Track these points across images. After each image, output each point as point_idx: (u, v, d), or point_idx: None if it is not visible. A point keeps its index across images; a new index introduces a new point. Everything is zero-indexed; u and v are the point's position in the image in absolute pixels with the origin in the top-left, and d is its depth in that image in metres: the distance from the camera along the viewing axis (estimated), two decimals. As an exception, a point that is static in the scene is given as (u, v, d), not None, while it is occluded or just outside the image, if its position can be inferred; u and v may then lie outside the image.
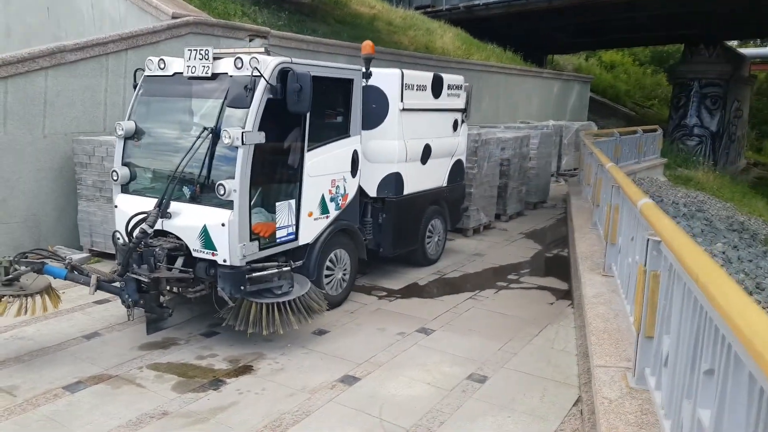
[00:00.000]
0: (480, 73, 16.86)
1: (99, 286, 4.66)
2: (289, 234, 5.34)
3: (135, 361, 4.83)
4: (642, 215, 3.74)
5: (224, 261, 4.86)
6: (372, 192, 6.67)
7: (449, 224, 8.05)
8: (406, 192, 6.91)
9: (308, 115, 5.28)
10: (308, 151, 5.40)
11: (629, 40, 33.56)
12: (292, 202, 5.33)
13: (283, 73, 4.96)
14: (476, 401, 4.30)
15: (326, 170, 5.69)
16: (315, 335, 5.42)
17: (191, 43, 9.59)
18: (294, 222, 5.36)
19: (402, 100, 6.62)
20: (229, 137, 4.71)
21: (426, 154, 7.16)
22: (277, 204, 5.18)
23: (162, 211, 4.94)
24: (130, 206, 5.31)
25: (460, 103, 7.73)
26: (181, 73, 5.29)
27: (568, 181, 14.40)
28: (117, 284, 4.73)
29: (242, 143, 4.73)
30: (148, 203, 5.10)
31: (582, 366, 4.74)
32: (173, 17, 9.77)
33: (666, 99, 35.94)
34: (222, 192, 4.75)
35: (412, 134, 6.86)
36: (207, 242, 4.90)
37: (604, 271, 5.92)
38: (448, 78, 7.42)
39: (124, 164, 5.51)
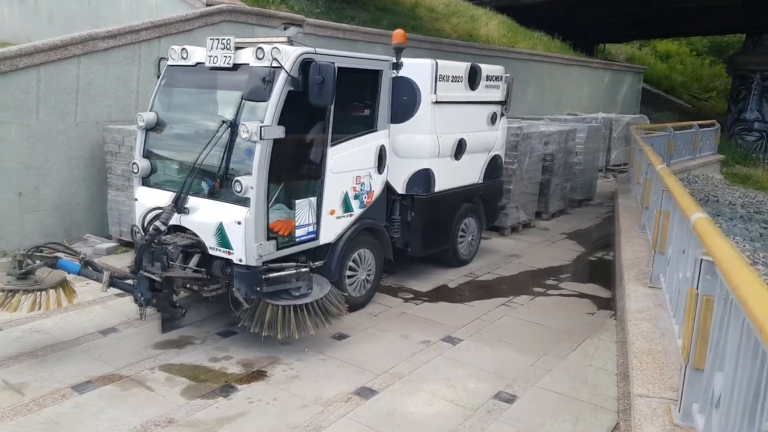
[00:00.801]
0: (525, 62, 16.24)
1: (112, 283, 4.51)
2: (309, 233, 5.07)
3: (148, 361, 4.67)
4: (695, 232, 3.29)
5: (240, 260, 4.63)
6: (400, 189, 6.34)
7: (484, 223, 7.65)
8: (436, 189, 6.55)
9: (332, 108, 4.99)
10: (331, 146, 5.11)
11: (684, 30, 31.95)
12: (313, 199, 5.06)
13: (305, 64, 4.67)
14: (502, 424, 3.95)
15: (350, 166, 5.39)
16: (334, 340, 5.15)
17: (225, 31, 9.43)
18: (315, 220, 5.09)
19: (434, 92, 6.24)
20: (247, 132, 4.46)
21: (459, 149, 6.77)
22: (297, 202, 4.91)
23: (179, 206, 4.75)
24: (150, 199, 5.15)
25: (498, 95, 7.29)
26: (203, 63, 5.07)
27: (617, 178, 13.71)
28: (130, 282, 4.56)
29: (260, 138, 4.47)
30: (168, 197, 4.91)
31: (622, 389, 4.32)
32: (207, 5, 9.62)
33: (724, 91, 34.09)
34: (238, 189, 4.52)
35: (444, 128, 6.49)
36: (223, 240, 4.68)
37: (651, 282, 5.44)
38: (486, 68, 6.99)
39: (144, 156, 5.34)
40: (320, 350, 4.94)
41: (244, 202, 4.60)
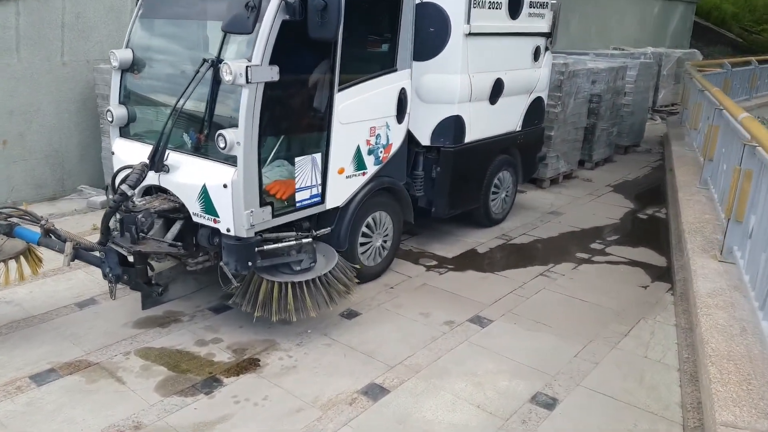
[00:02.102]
0: (568, -9, 14.70)
1: (76, 255, 3.81)
2: (312, 196, 4.26)
3: (124, 343, 4.03)
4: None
5: (228, 231, 3.88)
6: (424, 140, 5.44)
7: (521, 177, 6.72)
8: (467, 139, 5.62)
9: (339, 42, 4.07)
10: (339, 90, 4.22)
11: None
12: (317, 156, 4.22)
13: (304, -14, 3.73)
14: (539, 440, 3.22)
15: (363, 115, 4.51)
16: (342, 318, 4.44)
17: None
18: (320, 181, 4.27)
19: (468, 22, 5.22)
20: (230, 73, 3.60)
21: (496, 90, 5.79)
22: (297, 159, 4.08)
23: (156, 163, 3.97)
24: (129, 154, 4.38)
25: (544, 25, 6.20)
26: (182, -14, 4.17)
27: (666, 120, 12.44)
28: (97, 254, 3.86)
29: (247, 81, 3.61)
30: (149, 151, 4.12)
31: (689, 396, 3.51)
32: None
33: (782, 23, 31.30)
34: (222, 145, 3.70)
35: (479, 66, 5.49)
36: (207, 206, 3.92)
37: (722, 255, 4.53)
38: (530, -6, 5.90)
39: (121, 103, 4.54)
40: (325, 331, 4.24)
41: (230, 160, 3.80)
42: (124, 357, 3.88)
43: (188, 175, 4.00)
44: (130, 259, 3.78)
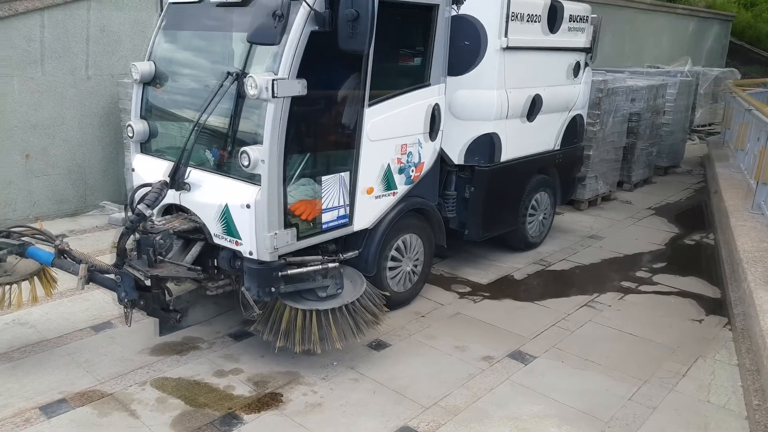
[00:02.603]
0: (602, 7, 14.33)
1: (91, 278, 3.56)
2: (339, 217, 3.98)
3: (140, 372, 3.77)
4: None
5: (250, 254, 3.60)
6: (457, 158, 5.14)
7: (559, 198, 6.36)
8: (503, 158, 5.30)
9: (370, 55, 3.81)
10: (369, 106, 3.95)
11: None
12: (345, 175, 3.94)
13: (335, -5, 3.48)
14: (594, 499, 2.84)
15: (394, 132, 4.22)
16: (370, 350, 4.12)
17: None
18: (347, 201, 3.99)
19: (505, 35, 4.93)
20: (255, 87, 3.35)
21: (534, 107, 5.47)
22: (324, 178, 3.80)
23: (176, 181, 3.73)
24: (149, 170, 4.16)
25: (583, 40, 5.89)
26: (207, -3, 3.97)
27: (707, 141, 11.95)
28: (113, 277, 3.62)
29: (272, 95, 3.36)
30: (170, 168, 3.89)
31: (764, 451, 3.11)
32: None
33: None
34: (246, 162, 3.45)
35: (516, 81, 5.19)
36: (229, 227, 3.65)
37: (790, 288, 4.11)
38: (570, 6, 5.59)
39: (142, 117, 4.34)
40: (352, 364, 3.92)
41: (254, 179, 3.54)
42: (139, 387, 3.61)
43: (209, 194, 3.75)
44: (147, 282, 3.52)
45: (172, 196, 3.87)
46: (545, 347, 4.23)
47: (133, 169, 4.34)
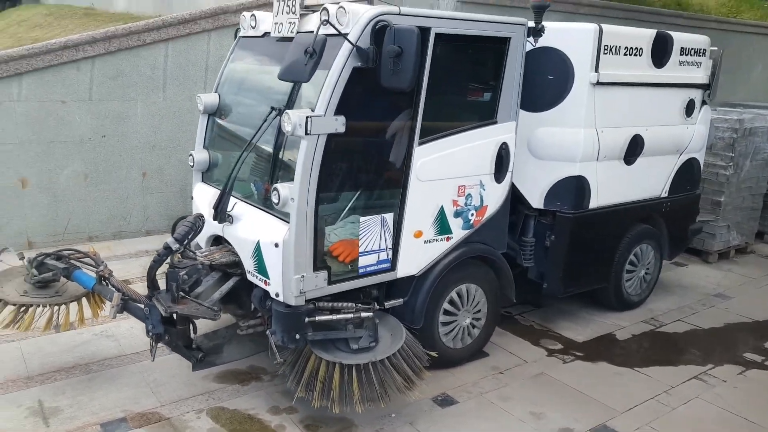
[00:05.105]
0: (750, 36, 12.78)
1: (125, 307, 3.63)
2: (380, 262, 3.71)
3: (200, 399, 3.79)
4: None
5: (276, 295, 3.47)
6: (536, 202, 4.65)
7: (667, 253, 5.54)
8: (593, 205, 4.72)
9: (422, 91, 3.54)
10: (420, 144, 3.66)
11: None
12: (388, 216, 3.68)
13: (380, 31, 3.28)
14: None
15: (449, 172, 3.89)
16: (434, 405, 3.80)
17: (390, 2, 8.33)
18: (390, 245, 3.72)
19: (596, 70, 4.40)
20: (290, 123, 3.24)
21: (633, 149, 4.83)
22: (362, 219, 3.58)
23: (220, 213, 3.73)
24: (206, 199, 4.22)
25: (699, 75, 5.12)
26: (270, 32, 3.96)
27: None
28: (143, 308, 3.66)
29: (306, 133, 3.22)
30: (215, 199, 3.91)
31: None
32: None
33: None
34: (276, 200, 3.34)
35: (610, 120, 4.61)
36: (260, 265, 3.56)
37: None
38: (682, 38, 4.89)
39: (205, 147, 4.44)
40: (412, 419, 3.63)
41: (286, 217, 3.41)
42: (195, 415, 3.62)
43: (247, 228, 3.70)
44: (175, 315, 3.52)
45: (216, 228, 3.87)
46: (637, 425, 3.63)
47: (191, 198, 4.43)
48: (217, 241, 4.11)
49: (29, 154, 6.29)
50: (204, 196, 4.28)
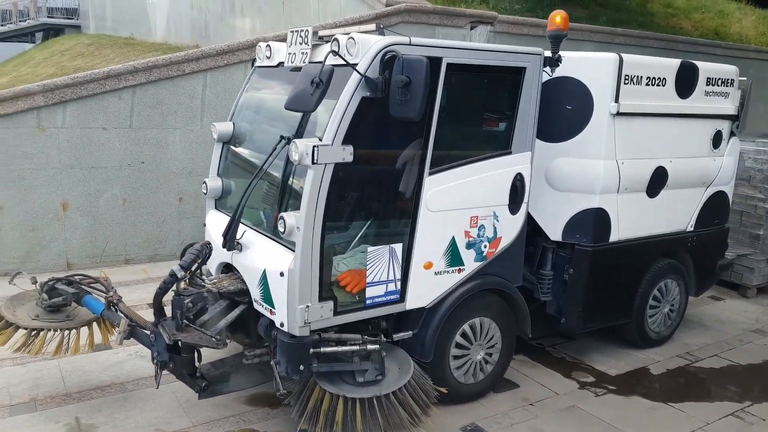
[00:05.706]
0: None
1: (132, 333, 3.63)
2: (388, 293, 3.63)
3: (230, 421, 3.81)
4: None
5: (281, 325, 3.42)
6: (555, 234, 4.53)
7: (693, 289, 5.33)
8: (614, 238, 4.57)
9: (433, 121, 3.50)
10: (430, 174, 3.61)
11: None
12: (397, 246, 3.61)
13: (389, 61, 3.27)
14: None
15: (462, 203, 3.81)
16: (462, 434, 3.70)
17: (402, 33, 8.42)
18: (398, 276, 3.64)
19: (617, 100, 4.30)
20: (297, 152, 3.22)
21: (657, 181, 4.68)
22: (370, 249, 3.52)
23: (228, 241, 3.71)
24: (217, 226, 4.21)
25: (728, 106, 4.97)
26: (284, 63, 4.00)
27: None
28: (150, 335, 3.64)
29: (313, 162, 3.20)
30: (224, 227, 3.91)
31: None
32: (386, 5, 8.72)
33: None
34: (282, 229, 3.32)
35: (632, 151, 4.49)
36: (266, 294, 3.52)
37: None
38: (708, 69, 4.76)
39: (218, 175, 4.46)
40: None
41: (292, 246, 3.38)
42: None
43: (255, 256, 3.67)
44: (180, 343, 3.49)
45: (225, 255, 3.86)
46: (669, 463, 3.47)
47: (204, 224, 4.44)
48: (228, 268, 4.09)
49: (71, 179, 6.50)
50: (216, 224, 4.29)
